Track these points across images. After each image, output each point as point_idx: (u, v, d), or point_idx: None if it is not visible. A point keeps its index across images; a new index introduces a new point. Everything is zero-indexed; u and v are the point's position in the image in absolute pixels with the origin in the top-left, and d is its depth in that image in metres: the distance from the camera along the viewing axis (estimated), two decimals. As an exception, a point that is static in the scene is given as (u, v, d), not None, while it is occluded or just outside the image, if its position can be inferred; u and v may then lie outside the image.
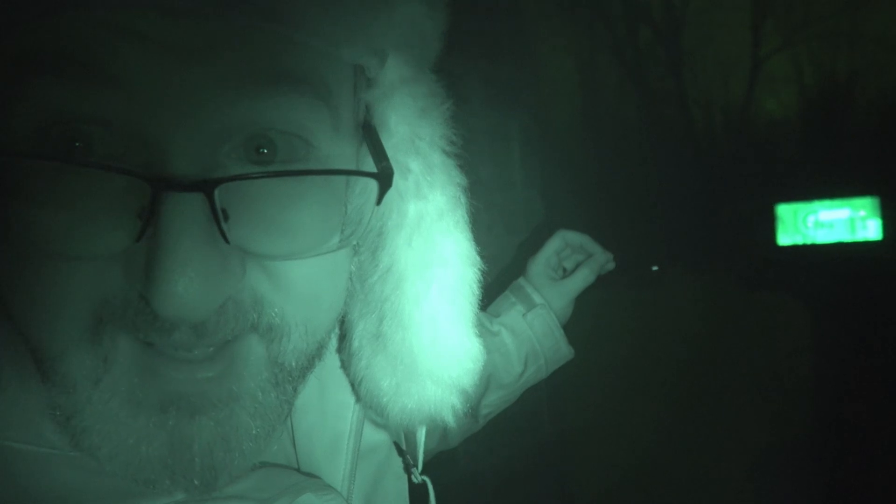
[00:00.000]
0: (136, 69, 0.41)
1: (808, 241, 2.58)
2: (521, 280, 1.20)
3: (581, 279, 1.19)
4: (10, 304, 0.45)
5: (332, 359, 0.67)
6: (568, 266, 1.24)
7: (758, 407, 3.72)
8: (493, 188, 2.28)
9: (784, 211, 2.59)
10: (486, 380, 1.11)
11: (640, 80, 10.05)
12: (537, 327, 1.14)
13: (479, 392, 1.11)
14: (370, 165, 0.52)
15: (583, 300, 1.20)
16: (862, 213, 2.42)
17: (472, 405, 1.08)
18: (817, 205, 2.60)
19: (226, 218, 0.42)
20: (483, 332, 1.10)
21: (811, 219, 2.71)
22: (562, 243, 1.22)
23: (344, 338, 0.65)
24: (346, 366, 0.65)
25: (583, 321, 1.26)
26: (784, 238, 2.50)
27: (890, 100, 8.80)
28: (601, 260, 1.21)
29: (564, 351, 1.18)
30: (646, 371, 4.03)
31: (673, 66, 10.22)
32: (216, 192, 0.41)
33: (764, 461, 3.32)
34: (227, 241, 0.42)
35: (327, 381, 0.67)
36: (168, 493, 0.49)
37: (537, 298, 1.16)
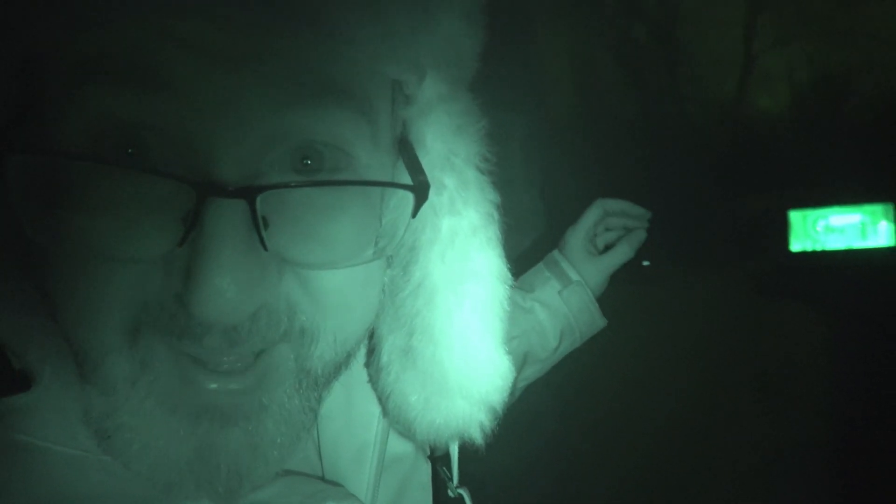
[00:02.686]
0: (188, 76, 0.42)
1: (820, 248, 2.59)
2: (555, 254, 1.18)
3: (620, 255, 1.19)
4: (57, 305, 0.47)
5: (359, 371, 0.67)
6: (599, 244, 1.23)
7: (766, 410, 3.75)
8: (494, 187, 2.27)
9: (795, 217, 2.59)
10: (523, 357, 1.11)
11: (638, 78, 10.07)
12: (573, 304, 1.13)
13: (517, 368, 1.12)
14: (406, 180, 0.53)
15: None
16: (881, 219, 2.43)
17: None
18: (828, 210, 2.61)
19: (266, 226, 0.44)
20: (515, 310, 1.11)
21: (821, 223, 2.72)
22: (601, 213, 1.20)
23: (372, 352, 0.65)
24: (373, 380, 0.66)
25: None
26: (796, 244, 2.51)
27: (887, 97, 8.84)
28: (641, 236, 1.19)
29: (599, 323, 1.18)
30: (651, 372, 4.04)
31: (669, 63, 10.24)
32: (258, 200, 0.43)
33: (772, 465, 3.34)
34: (265, 248, 0.43)
35: (354, 390, 0.67)
36: (193, 500, 0.50)
37: (573, 275, 1.14)
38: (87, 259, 0.44)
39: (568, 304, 1.13)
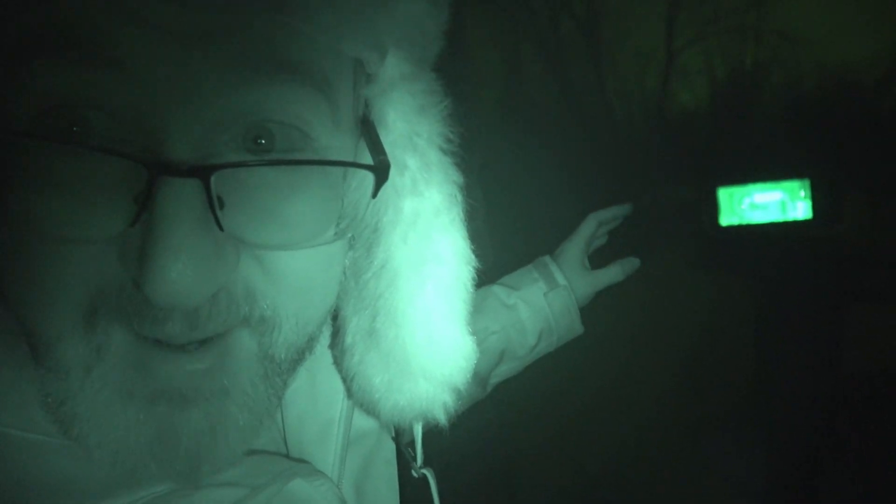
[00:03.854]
0: (137, 53, 0.41)
1: (745, 222, 2.73)
2: (546, 258, 1.20)
3: (612, 275, 1.22)
4: (7, 288, 0.45)
5: (323, 352, 0.66)
6: (590, 251, 1.26)
7: (695, 378, 3.90)
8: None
9: (724, 194, 2.72)
10: (501, 353, 1.12)
11: (562, 72, 10.28)
12: (556, 307, 1.14)
13: (493, 364, 1.12)
14: (368, 160, 0.52)
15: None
16: (801, 193, 2.57)
17: (485, 375, 1.11)
18: (753, 188, 2.75)
19: (221, 205, 0.42)
20: (498, 305, 1.12)
21: (746, 201, 2.87)
22: (595, 226, 1.23)
23: (337, 334, 0.64)
24: (338, 361, 0.65)
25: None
26: (724, 219, 2.63)
27: (794, 90, 9.37)
28: (634, 263, 1.24)
29: (578, 329, 1.20)
30: (584, 347, 4.13)
31: (593, 57, 10.50)
32: (212, 179, 0.41)
33: (702, 431, 3.47)
34: (221, 228, 0.42)
35: (318, 369, 0.66)
36: (159, 482, 0.49)
37: (561, 279, 1.16)
38: (36, 240, 0.43)
39: (551, 306, 1.14)
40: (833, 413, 2.91)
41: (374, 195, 0.51)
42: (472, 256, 0.60)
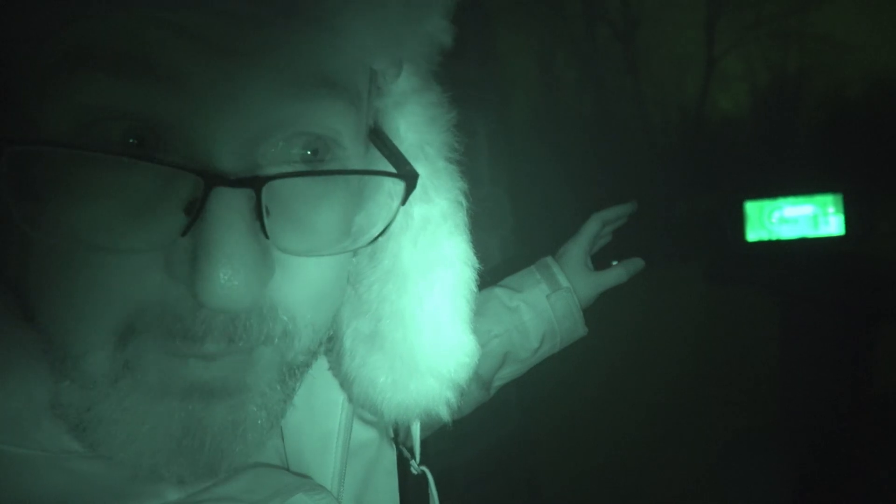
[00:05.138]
0: (188, 67, 0.42)
1: (774, 237, 2.64)
2: (549, 259, 1.17)
3: (615, 277, 1.19)
4: (38, 301, 0.45)
5: (318, 365, 0.65)
6: (594, 251, 1.24)
7: (724, 395, 3.81)
8: (462, 176, 2.27)
9: (752, 208, 2.64)
10: (503, 356, 1.11)
11: (598, 78, 10.19)
12: (559, 309, 1.12)
13: (496, 366, 1.11)
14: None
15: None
16: (830, 209, 2.48)
17: (488, 378, 1.10)
18: (783, 201, 2.66)
19: (268, 214, 0.44)
20: (500, 307, 1.10)
21: (776, 214, 2.78)
22: (599, 226, 1.20)
23: (331, 339, 0.65)
24: (335, 366, 0.66)
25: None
26: (752, 234, 2.55)
27: (837, 97, 9.12)
28: (639, 264, 1.21)
29: (581, 331, 1.17)
30: (609, 362, 4.09)
31: (630, 63, 10.39)
32: (263, 189, 0.43)
33: (731, 448, 3.39)
34: (267, 236, 0.44)
35: (314, 380, 0.66)
36: (157, 495, 0.50)
37: (563, 281, 1.13)
38: (81, 253, 0.43)
39: (554, 308, 1.12)
40: (860, 434, 2.81)
41: (404, 202, 0.53)
42: (475, 259, 0.62)
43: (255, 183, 0.43)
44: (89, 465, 0.49)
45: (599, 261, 1.19)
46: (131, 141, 0.43)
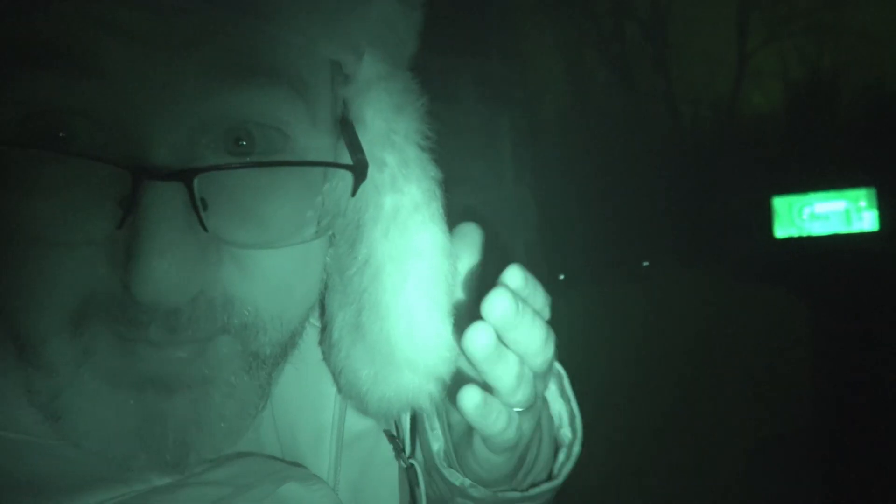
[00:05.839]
0: (118, 62, 0.42)
1: (805, 234, 2.58)
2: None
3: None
4: None
5: (312, 351, 0.66)
6: None
7: (754, 399, 3.73)
8: (485, 185, 2.26)
9: (780, 204, 2.59)
10: None
11: (627, 76, 10.08)
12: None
13: None
14: (347, 159, 0.54)
15: (577, 296, 1.14)
16: (862, 203, 2.43)
17: None
18: (813, 197, 2.60)
19: (204, 207, 0.44)
20: None
21: (807, 211, 2.71)
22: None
23: (324, 330, 0.65)
24: (326, 357, 0.65)
25: (577, 317, 1.20)
26: (781, 231, 2.49)
27: (873, 93, 8.90)
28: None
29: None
30: (640, 364, 4.03)
31: (659, 61, 10.25)
32: (195, 182, 0.43)
33: (761, 454, 3.33)
34: (205, 229, 0.43)
35: (307, 372, 0.67)
36: (144, 479, 0.50)
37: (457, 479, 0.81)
38: (26, 244, 0.44)
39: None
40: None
41: (354, 193, 0.53)
42: (453, 250, 0.61)
43: (185, 176, 0.43)
44: (75, 451, 0.49)
45: (629, 261, 1.17)
46: (61, 135, 0.43)
